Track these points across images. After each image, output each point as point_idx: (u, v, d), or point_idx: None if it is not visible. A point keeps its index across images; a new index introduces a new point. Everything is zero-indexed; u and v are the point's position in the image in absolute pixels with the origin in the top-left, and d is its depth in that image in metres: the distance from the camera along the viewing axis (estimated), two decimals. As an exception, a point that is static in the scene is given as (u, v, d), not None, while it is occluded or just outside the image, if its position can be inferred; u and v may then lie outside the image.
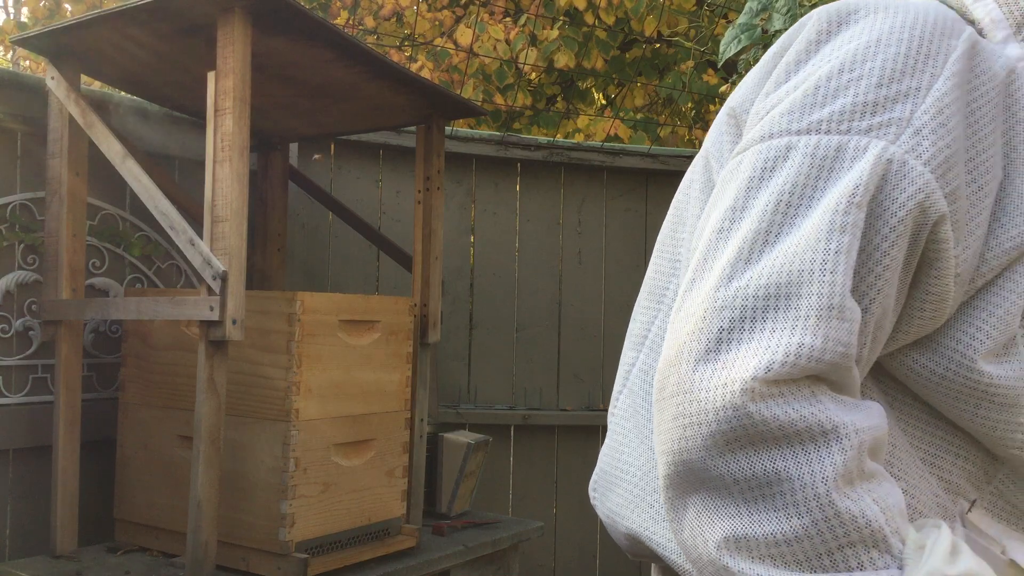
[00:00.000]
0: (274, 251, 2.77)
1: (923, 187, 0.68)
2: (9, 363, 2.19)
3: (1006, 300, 0.73)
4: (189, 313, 1.83)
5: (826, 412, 0.64)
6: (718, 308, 0.67)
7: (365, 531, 2.13)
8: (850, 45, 0.76)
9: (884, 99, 0.72)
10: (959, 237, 0.71)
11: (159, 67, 2.15)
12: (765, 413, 0.63)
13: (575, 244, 3.37)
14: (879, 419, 0.67)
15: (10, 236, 2.19)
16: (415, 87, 2.27)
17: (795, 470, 0.63)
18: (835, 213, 0.67)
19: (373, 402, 2.15)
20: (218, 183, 1.81)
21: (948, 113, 0.72)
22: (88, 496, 2.22)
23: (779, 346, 0.64)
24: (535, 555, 3.23)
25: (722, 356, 0.66)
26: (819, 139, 0.71)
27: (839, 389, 0.67)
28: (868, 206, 0.68)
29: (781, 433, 0.64)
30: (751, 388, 0.63)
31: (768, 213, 0.69)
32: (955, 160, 0.71)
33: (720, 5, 4.25)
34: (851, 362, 0.65)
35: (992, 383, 0.72)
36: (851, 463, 0.63)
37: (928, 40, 0.74)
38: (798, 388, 0.64)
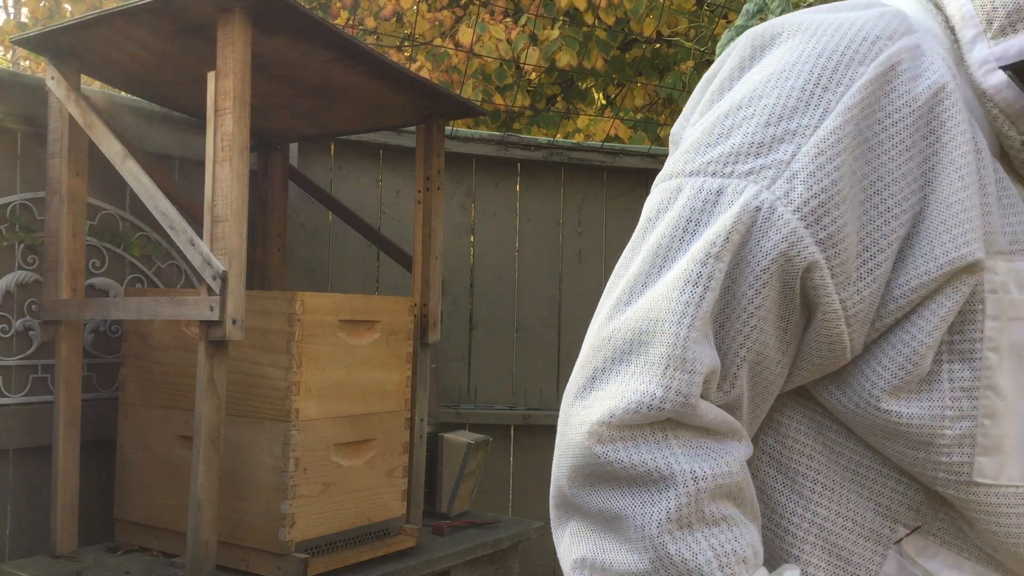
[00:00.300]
0: (274, 251, 2.77)
1: (788, 236, 0.68)
2: (9, 363, 2.19)
3: (914, 339, 0.71)
4: (189, 313, 1.83)
5: (667, 459, 0.67)
6: (597, 347, 0.72)
7: (365, 531, 2.13)
8: (757, 76, 0.75)
9: (770, 140, 0.71)
10: (844, 281, 0.70)
11: (159, 67, 2.15)
12: (610, 456, 0.68)
13: (575, 244, 3.37)
14: (732, 466, 0.69)
15: (10, 236, 2.19)
16: (415, 87, 2.27)
17: (631, 511, 0.68)
18: (693, 263, 0.69)
19: (373, 402, 2.15)
20: (218, 183, 1.81)
21: (832, 153, 0.70)
22: (88, 496, 2.22)
23: (626, 393, 0.68)
24: (535, 555, 3.23)
25: (589, 395, 0.71)
26: (703, 182, 0.72)
27: (700, 432, 0.70)
28: (736, 254, 0.69)
29: (624, 475, 0.68)
30: (597, 432, 0.69)
31: (650, 256, 0.72)
32: (836, 203, 0.69)
33: (720, 5, 4.25)
34: (693, 410, 0.68)
35: (901, 421, 0.72)
36: (685, 509, 0.67)
37: (832, 70, 0.72)
38: (646, 433, 0.68)
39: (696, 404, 0.68)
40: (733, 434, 0.72)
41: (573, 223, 3.37)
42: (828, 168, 0.69)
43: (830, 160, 0.69)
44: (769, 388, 0.75)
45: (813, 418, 0.78)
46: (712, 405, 0.70)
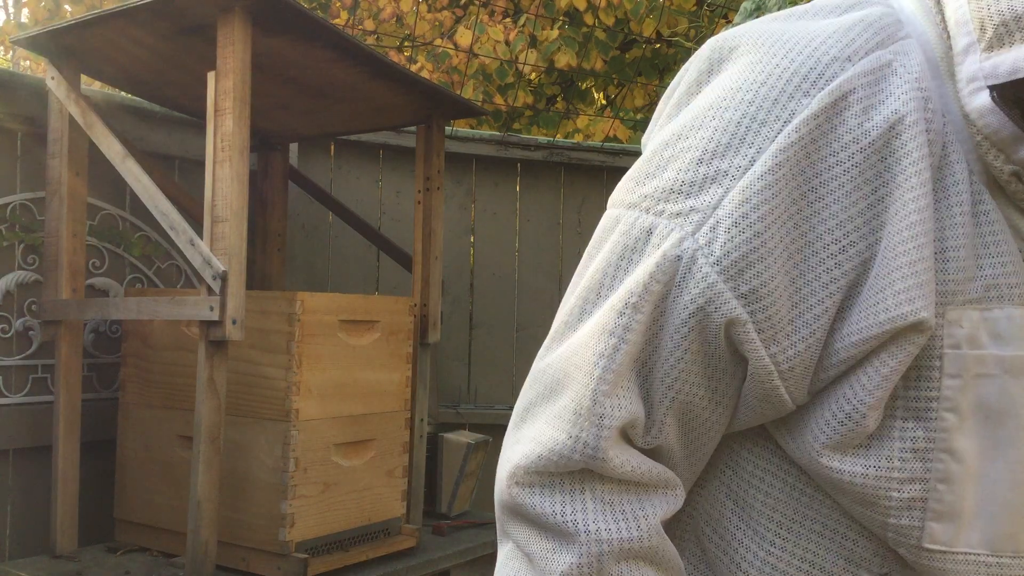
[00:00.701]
0: (274, 251, 2.77)
1: (705, 291, 0.64)
2: (9, 363, 2.19)
3: (856, 396, 0.65)
4: (189, 313, 1.83)
5: (575, 514, 0.66)
6: (532, 381, 0.72)
7: (365, 531, 2.13)
8: (703, 100, 0.69)
9: (701, 179, 0.66)
10: (772, 337, 0.64)
11: (159, 67, 2.15)
12: (524, 500, 0.68)
13: (575, 244, 3.36)
14: (644, 529, 0.67)
15: (10, 236, 2.19)
16: (415, 87, 2.27)
17: (539, 556, 0.68)
18: (611, 312, 0.66)
19: (373, 402, 2.15)
20: (218, 183, 1.81)
21: (760, 200, 0.63)
22: (88, 496, 2.21)
23: (541, 439, 0.68)
24: (535, 555, 3.23)
25: (520, 429, 0.71)
26: (636, 218, 0.68)
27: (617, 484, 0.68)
28: (658, 304, 0.66)
29: (536, 519, 0.68)
30: (515, 474, 0.69)
31: (583, 292, 0.70)
32: (761, 255, 0.63)
33: (720, 5, 4.25)
34: (603, 463, 0.65)
35: (842, 478, 0.67)
36: (586, 569, 0.66)
37: (772, 101, 0.65)
38: (563, 481, 0.67)
39: (606, 457, 0.65)
40: (658, 485, 0.69)
41: (573, 223, 3.37)
42: (753, 217, 0.63)
43: (756, 208, 0.63)
44: (707, 434, 0.71)
45: (772, 458, 0.73)
46: (635, 454, 0.68)
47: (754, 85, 0.66)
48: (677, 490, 0.70)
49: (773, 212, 0.64)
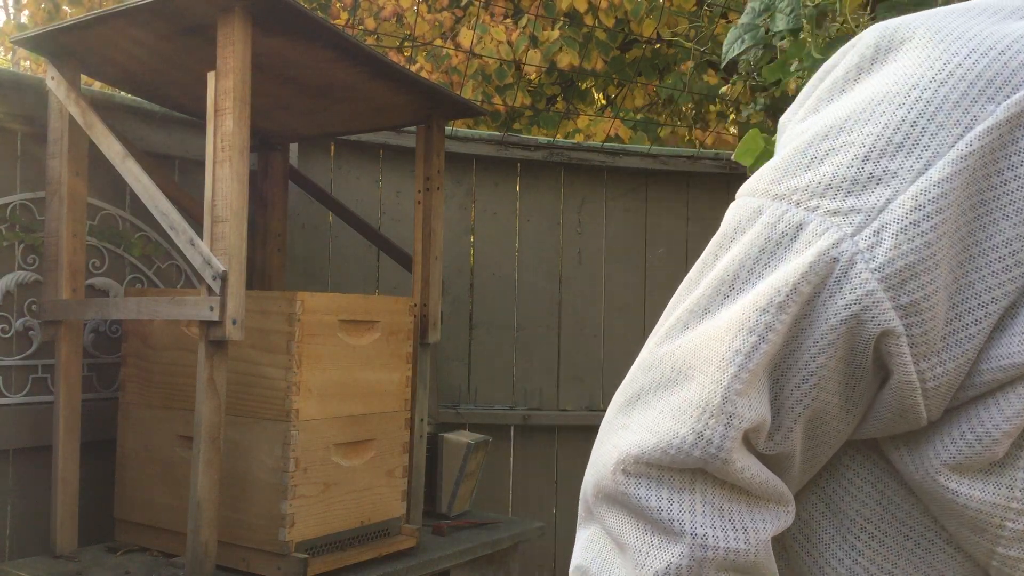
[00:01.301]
0: (274, 251, 2.77)
1: (862, 298, 0.60)
2: (9, 363, 2.19)
3: (991, 420, 0.62)
4: (189, 313, 1.83)
5: (683, 513, 0.63)
6: (646, 367, 0.68)
7: (365, 531, 2.13)
8: (868, 91, 0.64)
9: (866, 178, 0.61)
10: (924, 352, 0.61)
11: (159, 67, 2.15)
12: (631, 490, 0.65)
13: (575, 244, 3.37)
14: (752, 543, 0.64)
15: (10, 236, 2.19)
16: (415, 87, 2.27)
17: (636, 548, 0.65)
18: (754, 309, 0.62)
19: (373, 402, 2.15)
20: (218, 183, 1.81)
21: (934, 208, 0.60)
22: (88, 496, 2.22)
23: (658, 430, 0.64)
24: (535, 555, 3.23)
25: (630, 415, 0.67)
26: (785, 211, 0.64)
27: (731, 490, 0.65)
28: (804, 306, 0.62)
29: (639, 511, 0.65)
30: (624, 463, 0.65)
31: (715, 283, 0.66)
32: (927, 266, 0.60)
33: (720, 5, 4.25)
34: (724, 464, 0.62)
35: (958, 500, 0.64)
36: (684, 571, 0.63)
37: (953, 103, 0.60)
38: (673, 477, 0.64)
39: (729, 459, 0.62)
40: (771, 499, 0.66)
41: (573, 223, 3.37)
42: (925, 226, 0.59)
43: (928, 217, 0.59)
44: (829, 443, 0.68)
45: (873, 469, 0.70)
46: (755, 461, 0.65)
47: (933, 83, 0.61)
48: (790, 507, 0.67)
49: (945, 223, 0.60)
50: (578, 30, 4.87)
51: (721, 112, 5.64)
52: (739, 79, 2.68)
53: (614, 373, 3.38)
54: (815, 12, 1.90)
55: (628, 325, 3.39)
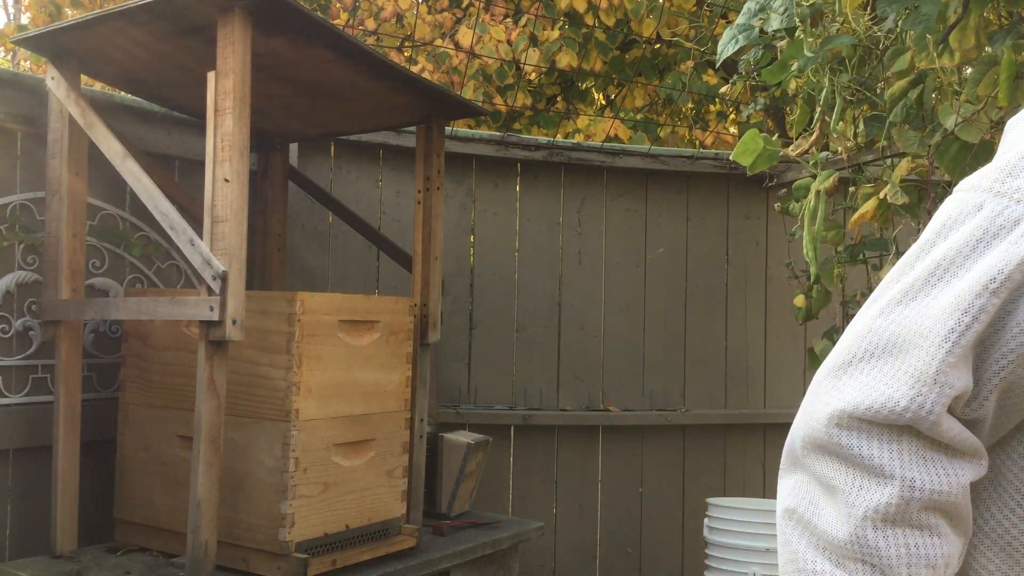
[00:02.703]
0: (274, 251, 2.77)
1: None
2: (9, 363, 2.19)
3: None
4: (189, 313, 1.83)
5: (892, 460, 0.74)
6: (861, 336, 0.77)
7: (365, 531, 2.13)
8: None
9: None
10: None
11: (159, 67, 2.15)
12: (843, 440, 0.75)
13: (575, 244, 3.37)
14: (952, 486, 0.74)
15: (10, 236, 2.19)
16: (415, 87, 2.27)
17: (847, 489, 0.75)
18: (970, 292, 0.71)
19: (373, 402, 2.15)
20: (218, 183, 1.81)
21: None
22: (88, 496, 2.22)
23: (872, 392, 0.74)
24: (535, 555, 3.23)
25: (842, 378, 0.77)
26: (1005, 206, 0.72)
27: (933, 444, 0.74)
28: (1014, 291, 0.71)
29: (851, 458, 0.75)
30: (838, 417, 0.75)
31: (933, 265, 0.75)
32: None
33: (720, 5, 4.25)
34: (934, 425, 0.72)
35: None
36: (893, 509, 0.73)
37: None
38: (882, 430, 0.74)
39: (938, 421, 0.72)
40: (969, 454, 0.75)
41: (573, 223, 3.37)
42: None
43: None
44: (1016, 412, 0.76)
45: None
46: (956, 422, 0.73)
47: None
48: (983, 460, 0.76)
49: None
50: (578, 30, 4.87)
51: (721, 112, 5.64)
52: (739, 80, 2.68)
53: (614, 373, 3.38)
54: (809, 12, 1.90)
55: (628, 325, 3.39)
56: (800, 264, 3.21)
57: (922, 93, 1.87)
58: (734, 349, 3.51)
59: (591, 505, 3.34)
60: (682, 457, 3.45)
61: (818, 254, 2.17)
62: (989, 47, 1.68)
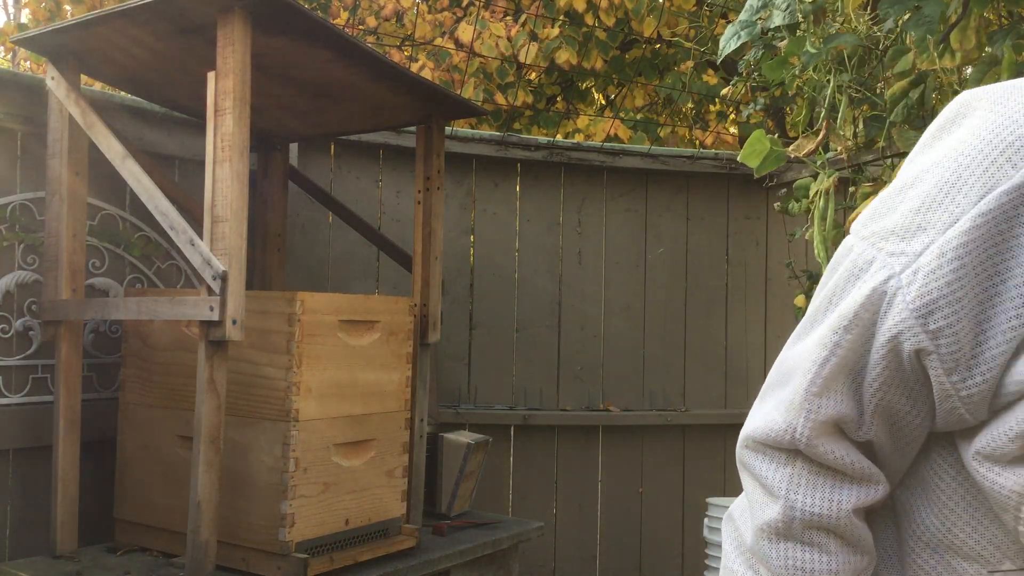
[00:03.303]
0: (274, 251, 2.77)
1: (899, 323, 0.76)
2: (9, 363, 2.19)
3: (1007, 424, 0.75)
4: (189, 313, 1.82)
5: (780, 481, 0.84)
6: (773, 367, 0.88)
7: (365, 531, 2.13)
8: (937, 151, 0.79)
9: (915, 227, 0.76)
10: (953, 368, 0.76)
11: (159, 67, 2.15)
12: (747, 460, 0.87)
13: (575, 244, 3.36)
14: (834, 509, 0.83)
15: (10, 236, 2.19)
16: (415, 87, 2.27)
17: (753, 503, 0.87)
18: (829, 330, 0.81)
19: (373, 402, 2.15)
20: (218, 183, 1.81)
21: (955, 255, 0.73)
22: (88, 496, 2.22)
23: (766, 418, 0.85)
24: (535, 555, 3.23)
25: (757, 404, 0.88)
26: (864, 250, 0.80)
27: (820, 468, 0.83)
28: (866, 327, 0.79)
29: (755, 476, 0.86)
30: (746, 439, 0.87)
31: (816, 304, 0.85)
32: (950, 301, 0.74)
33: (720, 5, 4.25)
34: (806, 448, 0.82)
35: (984, 484, 0.78)
36: (781, 526, 0.84)
37: (983, 168, 0.74)
38: (776, 454, 0.85)
39: (810, 443, 0.82)
40: (858, 479, 0.83)
41: (573, 223, 3.37)
42: (947, 269, 0.74)
43: (950, 262, 0.73)
44: (911, 433, 0.83)
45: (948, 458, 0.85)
46: (844, 447, 0.82)
47: (971, 149, 0.75)
48: (878, 486, 0.84)
49: (965, 267, 0.74)
50: (578, 29, 4.87)
51: (721, 112, 5.64)
52: (740, 80, 2.68)
53: (614, 373, 3.38)
54: (812, 8, 1.90)
55: (628, 325, 3.39)
56: (800, 264, 3.21)
57: (923, 93, 1.87)
58: (734, 349, 3.51)
59: (591, 505, 3.34)
60: (682, 457, 3.45)
61: (830, 255, 2.17)
62: (989, 47, 1.68)
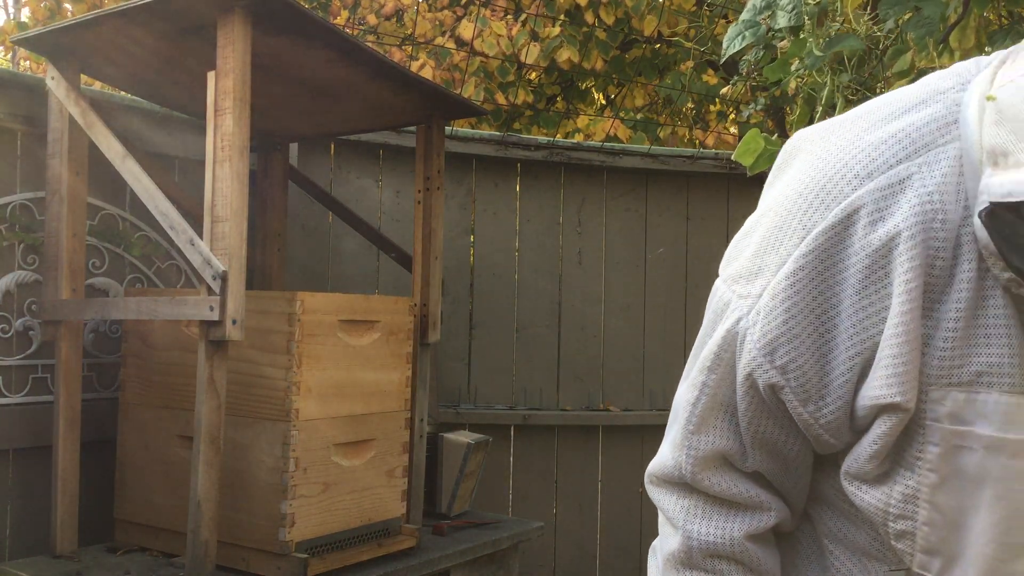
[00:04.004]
0: (274, 251, 2.77)
1: (751, 362, 0.81)
2: (9, 363, 2.19)
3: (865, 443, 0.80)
4: (189, 313, 1.83)
5: (676, 514, 0.90)
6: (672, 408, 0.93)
7: (365, 531, 2.13)
8: (769, 198, 0.86)
9: (756, 270, 0.82)
10: (806, 399, 0.81)
11: (159, 67, 2.15)
12: (652, 494, 0.94)
13: (575, 244, 3.36)
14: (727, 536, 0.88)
15: (10, 236, 2.19)
16: (415, 87, 2.27)
17: (663, 532, 0.93)
18: (698, 371, 0.87)
19: (373, 402, 2.15)
20: (218, 183, 1.81)
21: (786, 295, 0.79)
22: (88, 496, 2.22)
23: (660, 455, 0.92)
24: (535, 555, 3.23)
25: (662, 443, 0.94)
26: (724, 291, 0.86)
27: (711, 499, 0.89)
28: (728, 366, 0.85)
29: (661, 511, 0.93)
30: (649, 477, 0.94)
31: (696, 344, 0.90)
32: (789, 338, 0.79)
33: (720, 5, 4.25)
34: (695, 481, 0.88)
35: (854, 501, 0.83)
36: (682, 555, 0.89)
37: (802, 212, 0.79)
38: (672, 488, 0.92)
39: (696, 477, 0.88)
40: (750, 507, 0.88)
41: (573, 223, 3.37)
42: (780, 310, 0.79)
43: (782, 302, 0.79)
44: (796, 460, 0.88)
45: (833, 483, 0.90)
46: (731, 478, 0.88)
47: (793, 195, 0.81)
48: (770, 512, 0.88)
49: (796, 306, 0.79)
50: (578, 28, 4.87)
51: (721, 112, 5.63)
52: (740, 80, 2.68)
53: (614, 373, 3.38)
54: (817, 10, 1.90)
55: (628, 325, 3.39)
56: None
57: (923, 93, 1.87)
58: (734, 349, 3.51)
59: (591, 505, 3.34)
60: (682, 457, 3.45)
61: None
62: (989, 47, 1.68)
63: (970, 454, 0.75)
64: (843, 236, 0.77)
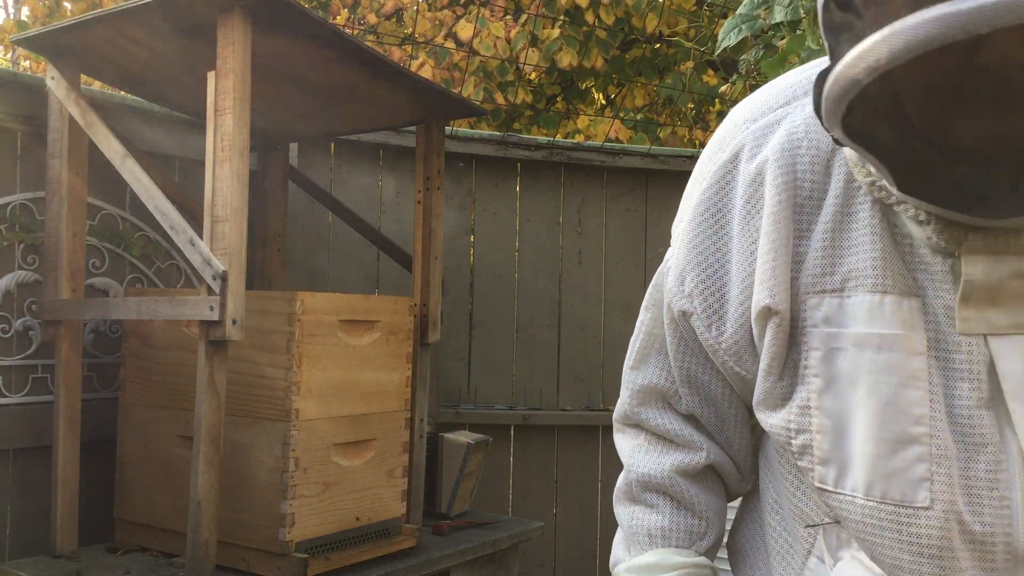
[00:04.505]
0: (274, 251, 2.77)
1: (667, 293, 0.94)
2: (9, 363, 2.19)
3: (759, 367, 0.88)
4: (189, 313, 1.83)
5: (624, 450, 1.04)
6: None
7: (365, 531, 2.13)
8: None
9: (680, 215, 0.96)
10: (708, 324, 0.91)
11: (159, 67, 2.15)
12: (615, 441, 1.07)
13: (575, 244, 3.36)
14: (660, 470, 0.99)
15: (10, 236, 2.19)
16: (415, 87, 2.27)
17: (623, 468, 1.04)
18: (641, 312, 1.01)
19: (373, 402, 2.15)
20: (218, 183, 1.81)
21: (692, 226, 0.91)
22: (88, 496, 2.21)
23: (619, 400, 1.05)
24: (535, 555, 3.23)
25: None
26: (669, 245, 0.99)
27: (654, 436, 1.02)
28: (658, 303, 0.99)
29: (620, 453, 1.05)
30: (613, 425, 1.08)
31: None
32: (693, 265, 0.91)
33: (720, 5, 4.25)
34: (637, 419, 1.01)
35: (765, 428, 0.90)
36: (624, 488, 1.03)
37: (707, 158, 0.93)
38: (626, 429, 1.05)
39: (638, 413, 1.01)
40: (682, 445, 0.99)
41: (573, 223, 3.37)
42: (686, 242, 0.92)
43: (689, 236, 0.92)
44: (723, 405, 0.98)
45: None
46: (669, 417, 0.99)
47: (708, 149, 0.95)
48: (701, 451, 0.98)
49: (698, 236, 0.91)
50: (578, 29, 4.86)
51: (721, 112, 5.63)
52: (740, 79, 2.67)
53: (614, 373, 3.37)
54: (814, 5, 1.90)
55: (628, 325, 3.38)
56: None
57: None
58: (734, 349, 3.51)
59: (591, 505, 3.34)
60: (682, 457, 3.45)
61: None
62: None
63: (844, 354, 0.81)
64: (731, 172, 0.89)
